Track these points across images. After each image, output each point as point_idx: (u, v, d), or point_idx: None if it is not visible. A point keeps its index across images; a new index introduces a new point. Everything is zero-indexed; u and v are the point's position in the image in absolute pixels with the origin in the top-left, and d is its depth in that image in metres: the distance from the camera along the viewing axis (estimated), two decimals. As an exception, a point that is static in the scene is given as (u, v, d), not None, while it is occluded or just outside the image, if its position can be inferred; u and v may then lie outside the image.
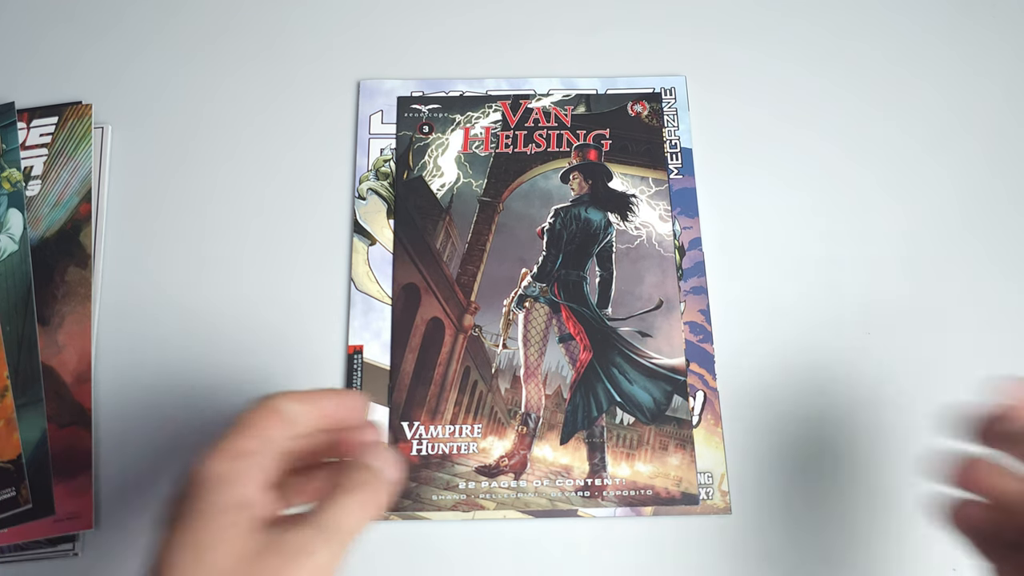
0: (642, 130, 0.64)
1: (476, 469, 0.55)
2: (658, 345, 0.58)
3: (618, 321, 0.58)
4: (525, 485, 0.54)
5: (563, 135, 0.63)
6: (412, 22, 0.69)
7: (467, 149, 0.63)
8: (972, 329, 0.60)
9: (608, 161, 0.63)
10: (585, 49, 0.68)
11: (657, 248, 0.60)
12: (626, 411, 0.56)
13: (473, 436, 0.55)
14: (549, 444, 0.55)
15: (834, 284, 0.61)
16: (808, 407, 0.58)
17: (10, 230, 0.60)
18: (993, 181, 0.64)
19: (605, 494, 0.54)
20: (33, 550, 0.53)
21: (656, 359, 0.57)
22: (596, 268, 0.60)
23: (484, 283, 0.59)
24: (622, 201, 0.62)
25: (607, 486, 0.54)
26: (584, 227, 0.61)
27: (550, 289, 0.59)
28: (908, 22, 0.70)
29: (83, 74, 0.67)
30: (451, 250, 0.60)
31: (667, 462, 0.55)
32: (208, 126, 0.65)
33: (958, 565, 0.54)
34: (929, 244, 0.62)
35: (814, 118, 0.66)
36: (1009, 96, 0.67)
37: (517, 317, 0.58)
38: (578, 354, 0.58)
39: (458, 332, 0.58)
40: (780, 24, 0.69)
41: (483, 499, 0.54)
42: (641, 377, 0.57)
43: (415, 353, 0.57)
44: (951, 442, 0.42)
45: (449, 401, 0.56)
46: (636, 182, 0.62)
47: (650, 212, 0.61)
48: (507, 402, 0.56)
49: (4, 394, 0.56)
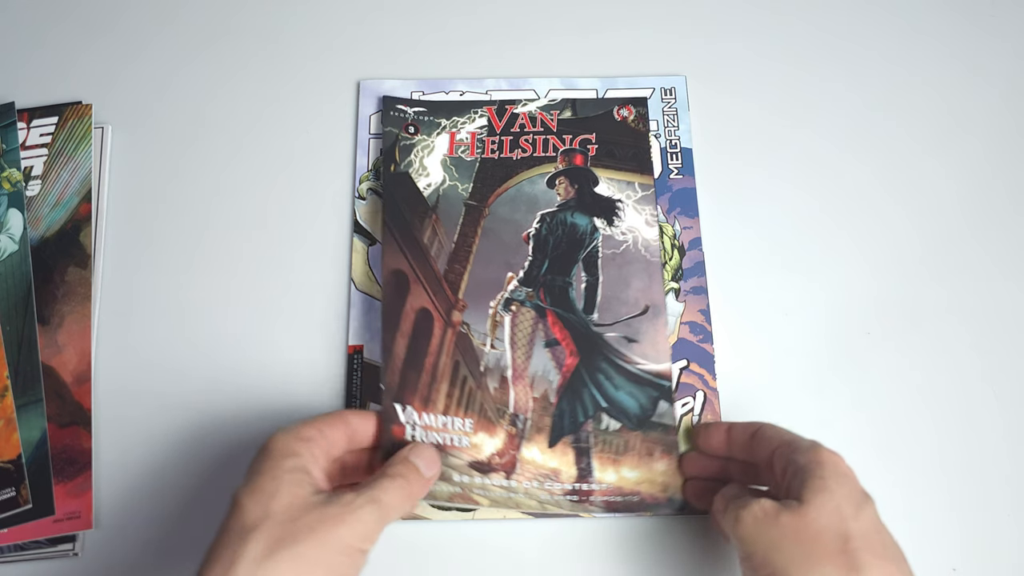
0: (628, 135, 0.63)
1: (469, 463, 0.54)
2: (644, 350, 0.57)
3: (604, 327, 0.58)
4: (516, 485, 0.54)
5: (549, 140, 0.63)
6: (412, 22, 0.69)
7: (453, 153, 0.62)
8: (973, 329, 0.60)
9: (594, 166, 0.62)
10: (585, 49, 0.68)
11: (643, 253, 0.60)
12: (612, 417, 0.55)
13: (465, 430, 0.55)
14: (537, 446, 0.55)
15: (834, 284, 0.61)
16: (807, 407, 0.58)
17: (10, 230, 0.60)
18: (994, 181, 0.64)
19: (592, 499, 0.54)
20: (33, 550, 0.53)
21: (642, 364, 0.57)
22: (582, 273, 0.59)
23: (471, 283, 0.58)
24: (608, 206, 0.61)
25: (594, 491, 0.54)
26: (570, 232, 0.60)
27: (536, 294, 0.58)
28: (908, 21, 0.70)
29: (83, 74, 0.67)
30: (438, 247, 0.59)
31: (653, 468, 0.54)
32: (208, 126, 0.65)
33: (958, 565, 0.54)
34: (930, 243, 0.62)
35: (814, 118, 0.66)
36: (1009, 95, 0.67)
37: (504, 320, 0.58)
38: (564, 359, 0.57)
39: (447, 326, 0.57)
40: (780, 24, 0.69)
41: (477, 494, 0.53)
42: (627, 383, 0.56)
43: (406, 339, 0.56)
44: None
45: (441, 392, 0.55)
46: (622, 187, 0.62)
47: (636, 217, 0.61)
48: (496, 401, 0.56)
49: (4, 394, 0.56)
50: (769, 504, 0.45)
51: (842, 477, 0.45)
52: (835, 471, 0.45)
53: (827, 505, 0.43)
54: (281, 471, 0.44)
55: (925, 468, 0.56)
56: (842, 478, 0.45)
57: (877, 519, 0.44)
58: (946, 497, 0.56)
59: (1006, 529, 0.55)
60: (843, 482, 0.45)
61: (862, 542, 0.42)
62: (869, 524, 0.44)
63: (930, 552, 0.54)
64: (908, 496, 0.55)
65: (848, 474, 0.46)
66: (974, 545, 0.55)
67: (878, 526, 0.44)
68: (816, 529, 0.43)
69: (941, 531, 0.55)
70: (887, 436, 0.57)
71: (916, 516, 0.55)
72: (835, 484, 0.44)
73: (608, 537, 0.55)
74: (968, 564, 0.54)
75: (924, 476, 0.56)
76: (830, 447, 0.47)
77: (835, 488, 0.44)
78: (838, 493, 0.44)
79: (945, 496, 0.56)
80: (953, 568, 0.54)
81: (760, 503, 0.45)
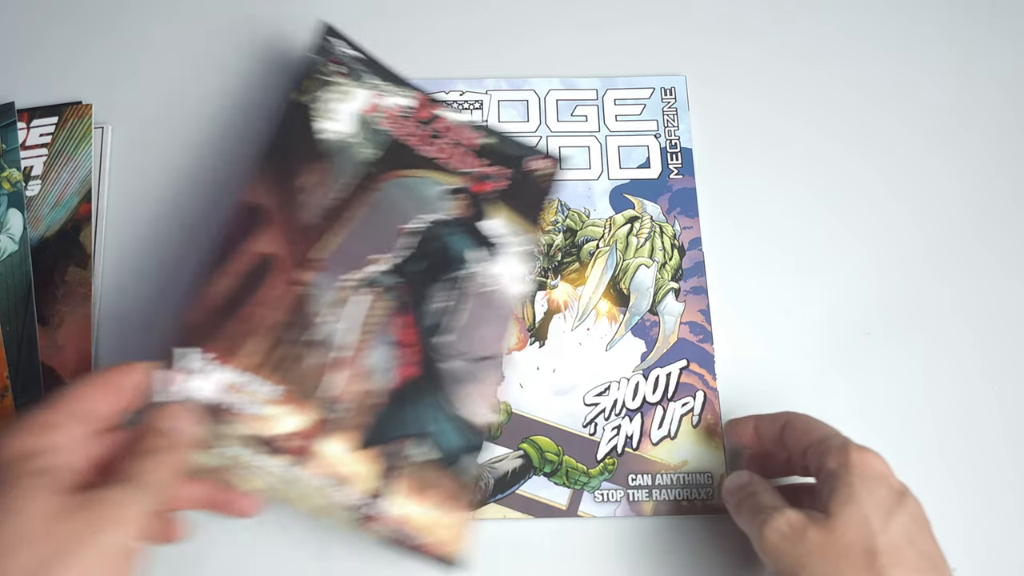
0: (531, 187, 0.61)
1: (252, 436, 0.47)
2: (471, 394, 0.53)
3: (448, 356, 0.53)
4: (300, 476, 0.47)
5: (464, 155, 0.60)
6: (412, 20, 0.69)
7: (371, 113, 0.58)
8: (975, 329, 0.60)
9: (495, 200, 0.59)
10: (585, 49, 0.68)
11: (506, 302, 0.56)
12: (433, 446, 0.50)
13: (269, 397, 0.48)
14: (346, 443, 0.49)
15: (835, 283, 0.61)
16: (808, 408, 0.57)
17: (10, 230, 0.60)
18: (996, 180, 0.64)
19: (374, 525, 0.48)
20: (33, 550, 0.53)
21: (461, 408, 0.52)
22: (447, 295, 0.55)
23: (337, 248, 0.53)
24: (492, 244, 0.57)
25: (379, 517, 0.48)
26: (445, 249, 0.56)
27: (405, 289, 0.54)
28: (910, 19, 0.70)
29: (83, 74, 0.67)
30: (315, 198, 0.54)
31: (445, 517, 0.49)
32: (209, 126, 0.65)
33: (958, 565, 0.54)
34: (932, 242, 0.62)
35: (815, 117, 0.66)
36: (1011, 95, 0.67)
37: (356, 299, 0.52)
38: (403, 366, 0.52)
39: (290, 282, 0.51)
40: (781, 23, 0.69)
41: (243, 474, 0.46)
42: (452, 419, 0.52)
43: (232, 280, 0.50)
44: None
45: (256, 348, 0.48)
46: (512, 232, 0.58)
47: (513, 267, 0.57)
48: (317, 378, 0.49)
49: (4, 394, 0.56)
50: (796, 518, 0.44)
51: (872, 482, 0.43)
52: (864, 476, 0.44)
53: (854, 518, 0.42)
54: (17, 479, 0.37)
55: (926, 468, 0.56)
56: (872, 483, 0.43)
57: (910, 525, 0.43)
58: (947, 497, 0.55)
59: (1007, 529, 0.55)
60: (873, 488, 0.43)
61: (890, 557, 0.41)
62: (899, 534, 0.42)
63: (930, 552, 0.54)
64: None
65: (880, 476, 0.44)
66: (974, 545, 0.55)
67: (911, 534, 0.43)
68: (844, 545, 0.42)
69: (941, 531, 0.55)
70: (889, 436, 0.57)
71: (916, 516, 0.55)
72: (864, 492, 0.43)
73: (608, 537, 0.55)
74: (968, 564, 0.54)
75: (925, 476, 0.56)
76: (862, 443, 0.45)
77: (864, 497, 0.43)
78: (867, 503, 0.43)
79: (946, 496, 0.55)
80: (953, 568, 0.54)
81: (786, 516, 0.44)
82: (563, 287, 0.61)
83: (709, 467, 0.56)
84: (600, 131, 0.65)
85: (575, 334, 0.59)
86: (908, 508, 0.43)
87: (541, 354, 0.59)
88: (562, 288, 0.60)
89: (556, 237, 0.62)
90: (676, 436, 0.57)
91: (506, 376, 0.58)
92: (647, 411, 0.57)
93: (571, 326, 0.60)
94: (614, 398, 0.58)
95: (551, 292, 0.60)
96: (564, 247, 0.62)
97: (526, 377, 0.58)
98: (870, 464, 0.44)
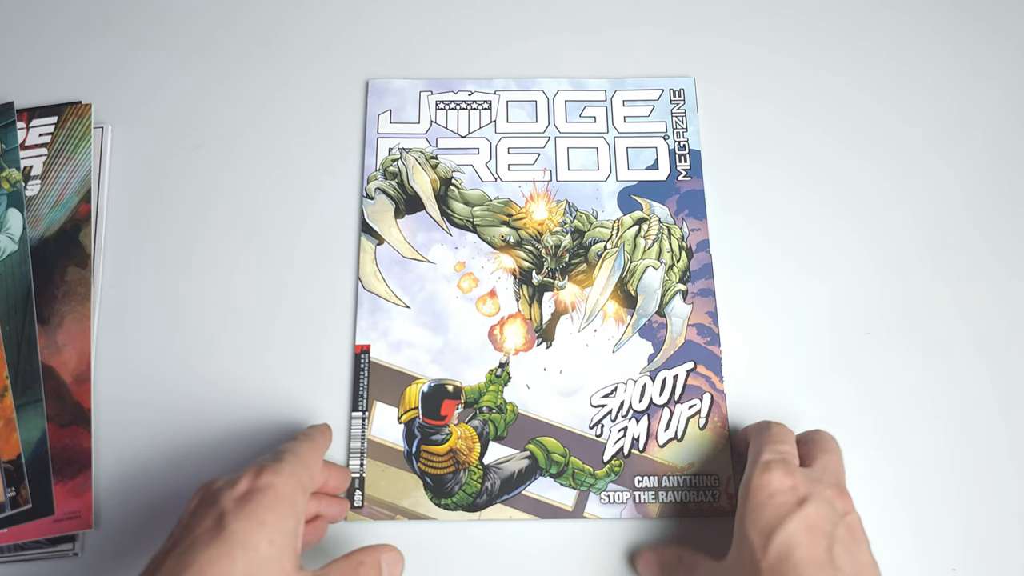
0: None
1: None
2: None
3: None
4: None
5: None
6: (421, 21, 0.69)
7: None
8: (975, 329, 0.60)
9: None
10: (594, 50, 0.68)
11: None
12: None
13: None
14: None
15: (842, 285, 0.61)
16: (813, 409, 0.57)
17: (10, 230, 0.60)
18: (998, 179, 0.64)
19: None
20: (33, 550, 0.53)
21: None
22: None
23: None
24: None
25: None
26: None
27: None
28: (915, 19, 0.70)
29: (82, 74, 0.67)
30: None
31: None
32: (210, 126, 0.65)
33: (958, 565, 0.54)
34: (937, 245, 0.62)
35: (824, 119, 0.66)
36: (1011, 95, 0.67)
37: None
38: None
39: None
40: (789, 25, 0.69)
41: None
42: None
43: None
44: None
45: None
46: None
47: None
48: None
49: (4, 394, 0.55)
50: (688, 554, 0.46)
51: (759, 509, 0.43)
52: (754, 504, 0.43)
53: (742, 549, 0.42)
54: (277, 530, 0.40)
55: (927, 468, 0.56)
56: (759, 510, 0.43)
57: (797, 536, 0.42)
58: (947, 497, 0.56)
59: (1007, 529, 0.55)
60: (758, 516, 0.43)
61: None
62: (778, 554, 0.41)
63: (930, 552, 0.54)
64: (910, 496, 0.55)
65: (767, 497, 0.43)
66: (974, 545, 0.55)
67: (794, 544, 0.41)
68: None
69: (941, 531, 0.55)
70: (893, 437, 0.57)
71: (917, 516, 0.55)
72: (749, 523, 0.43)
73: (614, 539, 0.54)
74: (968, 564, 0.54)
75: (926, 476, 0.56)
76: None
77: (748, 529, 0.43)
78: (751, 534, 0.42)
79: (946, 496, 0.56)
80: (953, 568, 0.54)
81: (675, 552, 0.47)
82: (570, 288, 0.60)
83: (716, 469, 0.56)
84: (608, 132, 0.65)
85: (582, 335, 0.59)
86: (799, 517, 0.42)
87: (548, 355, 0.59)
88: (569, 289, 0.60)
89: (564, 238, 0.62)
90: (683, 438, 0.57)
91: (513, 376, 0.58)
92: (654, 413, 0.57)
93: (578, 327, 0.59)
94: (621, 400, 0.58)
95: (558, 293, 0.60)
96: (572, 248, 0.61)
97: (533, 378, 0.58)
98: (762, 486, 0.44)
